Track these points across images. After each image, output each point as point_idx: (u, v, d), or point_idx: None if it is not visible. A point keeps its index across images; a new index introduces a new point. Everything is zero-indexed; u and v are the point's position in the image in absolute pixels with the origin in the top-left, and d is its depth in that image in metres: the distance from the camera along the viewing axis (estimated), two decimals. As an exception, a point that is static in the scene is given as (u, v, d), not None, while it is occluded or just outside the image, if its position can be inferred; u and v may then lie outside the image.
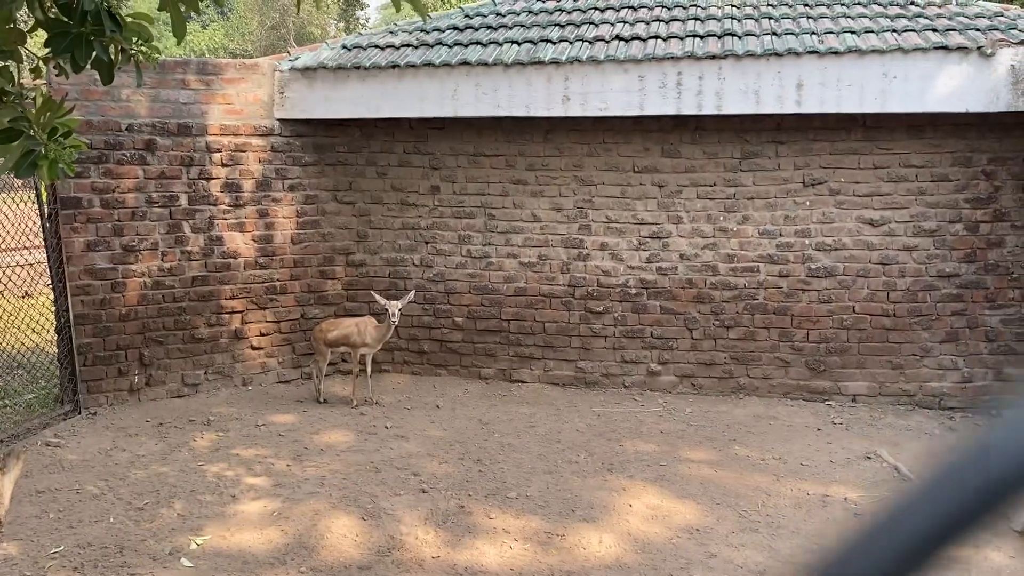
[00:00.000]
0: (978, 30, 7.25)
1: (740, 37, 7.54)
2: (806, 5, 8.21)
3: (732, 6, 8.37)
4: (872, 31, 7.38)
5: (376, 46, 8.19)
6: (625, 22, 8.17)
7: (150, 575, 4.64)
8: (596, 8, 8.61)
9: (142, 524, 5.26)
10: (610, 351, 8.26)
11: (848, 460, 6.44)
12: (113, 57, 2.88)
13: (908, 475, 6.04)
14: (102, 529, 5.18)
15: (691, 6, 8.42)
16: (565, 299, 8.30)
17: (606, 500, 5.67)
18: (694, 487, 5.91)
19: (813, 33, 7.45)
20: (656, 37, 7.75)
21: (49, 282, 7.57)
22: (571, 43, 7.82)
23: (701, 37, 7.63)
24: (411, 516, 5.40)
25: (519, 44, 7.89)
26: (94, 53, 2.67)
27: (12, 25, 2.82)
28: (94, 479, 5.96)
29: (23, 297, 9.44)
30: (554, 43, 7.84)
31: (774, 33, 7.54)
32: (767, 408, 7.70)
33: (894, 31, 7.37)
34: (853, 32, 7.39)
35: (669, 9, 8.39)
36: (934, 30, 7.33)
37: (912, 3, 8.05)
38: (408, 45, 8.13)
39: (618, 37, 7.82)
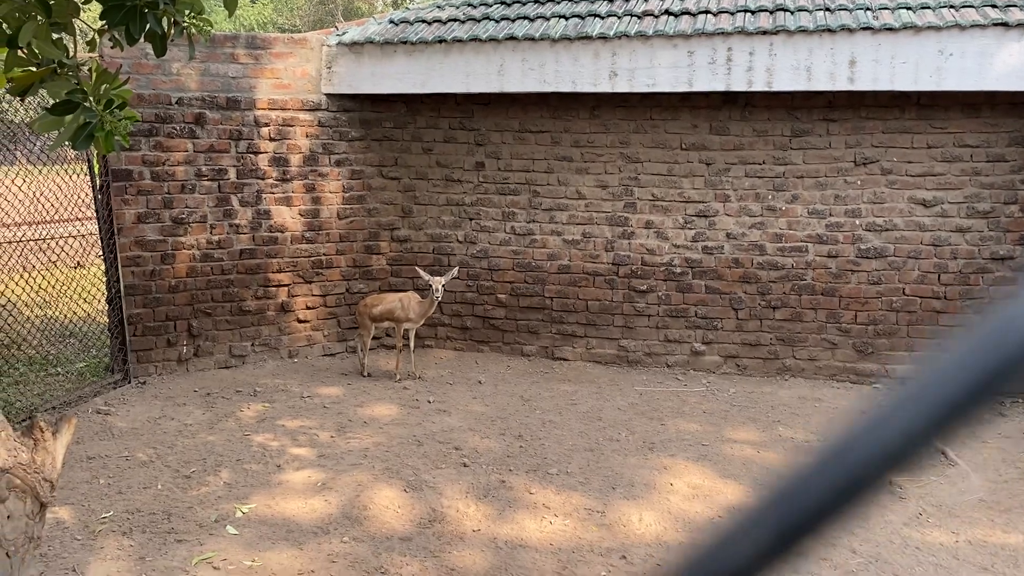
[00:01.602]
0: (1040, 6, 7.04)
1: (792, 12, 7.40)
2: (861, -20, 8.02)
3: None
4: (928, 7, 7.20)
5: (423, 21, 8.18)
6: (674, -3, 8.06)
7: (196, 541, 4.74)
8: (645, -17, 8.50)
9: (189, 491, 5.37)
10: (653, 330, 8.22)
11: (894, 444, 6.35)
12: (166, 30, 2.91)
13: (955, 459, 5.95)
14: (150, 496, 5.30)
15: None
16: (609, 277, 8.27)
17: (647, 478, 5.66)
18: (736, 467, 5.88)
19: (867, 9, 7.28)
20: (706, 12, 7.63)
21: (100, 253, 7.71)
22: (619, 17, 7.73)
23: (752, 12, 7.51)
24: (452, 489, 5.44)
25: (566, 19, 7.83)
26: (148, 25, 2.70)
27: (67, -2, 2.85)
28: (143, 447, 6.09)
29: (75, 267, 9.64)
30: (602, 18, 7.76)
31: (827, 8, 7.39)
32: (812, 390, 7.62)
33: (951, 7, 7.18)
34: (908, 8, 7.21)
35: (720, -16, 8.25)
36: (993, 6, 7.11)
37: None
38: (455, 20, 8.10)
39: (667, 11, 7.71)
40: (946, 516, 5.14)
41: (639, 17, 7.71)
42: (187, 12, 2.87)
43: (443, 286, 7.52)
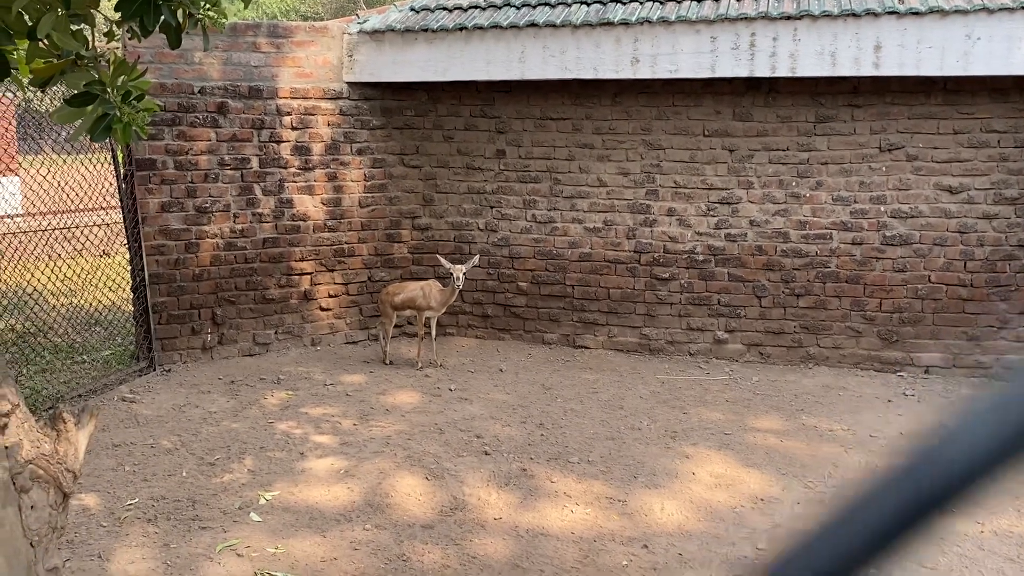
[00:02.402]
0: (1071, -12, 6.91)
1: (816, -3, 7.31)
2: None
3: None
4: (956, -11, 7.09)
5: (444, 8, 8.15)
6: (697, -18, 7.98)
7: (220, 528, 4.78)
8: (667, -32, 8.42)
9: (213, 479, 5.41)
10: (676, 318, 8.18)
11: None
12: (181, 21, 2.91)
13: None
14: (175, 483, 5.34)
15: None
16: (630, 265, 8.24)
17: (669, 467, 5.65)
18: (759, 456, 5.85)
19: (894, -8, 7.18)
20: (729, -3, 7.56)
21: (125, 242, 7.78)
22: (641, 3, 7.67)
23: (776, -3, 7.42)
24: (474, 477, 5.45)
25: (588, 4, 7.78)
26: (162, 17, 2.70)
27: (87, -11, 2.86)
28: (168, 434, 6.14)
29: (101, 256, 9.73)
30: (624, 3, 7.70)
31: (852, -8, 7.30)
32: (836, 378, 7.57)
33: (980, -11, 7.07)
34: (936, -9, 7.11)
35: (743, -32, 8.16)
36: (1023, -12, 7.00)
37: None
38: (476, 7, 8.07)
39: (690, -3, 7.65)
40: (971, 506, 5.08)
41: (661, 2, 7.64)
42: (202, 3, 2.87)
43: (464, 274, 7.52)
